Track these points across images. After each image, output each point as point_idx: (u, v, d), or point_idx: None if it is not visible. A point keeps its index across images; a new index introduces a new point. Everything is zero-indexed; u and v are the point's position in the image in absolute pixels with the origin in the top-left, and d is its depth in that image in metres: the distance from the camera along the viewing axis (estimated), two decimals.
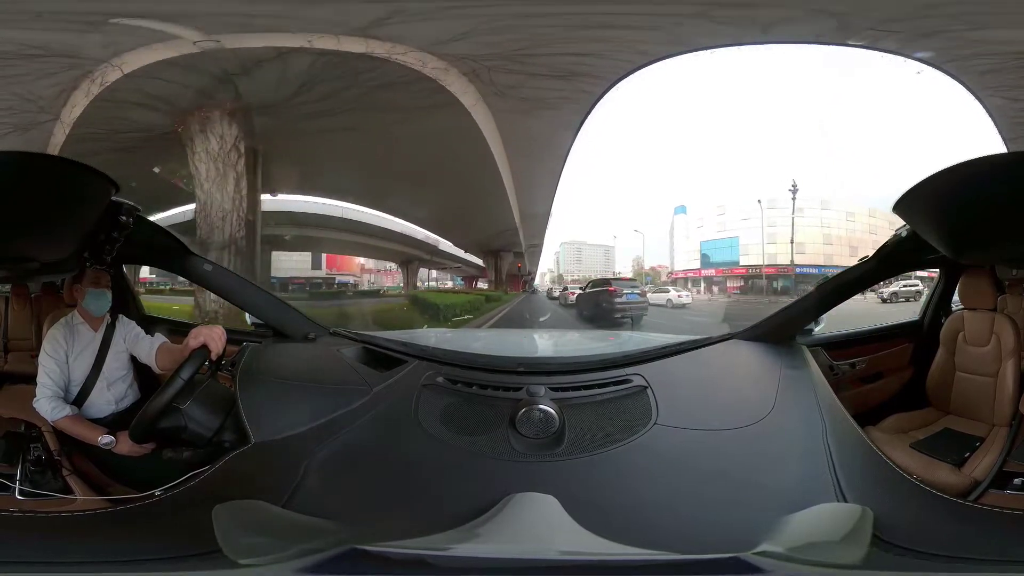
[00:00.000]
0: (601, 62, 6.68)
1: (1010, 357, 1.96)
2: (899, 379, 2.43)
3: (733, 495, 1.25)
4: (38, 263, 1.52)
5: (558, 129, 8.58)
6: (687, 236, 16.31)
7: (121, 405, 1.93)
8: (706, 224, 15.85)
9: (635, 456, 1.36)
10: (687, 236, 16.31)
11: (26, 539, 1.24)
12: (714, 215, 15.58)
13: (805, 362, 1.83)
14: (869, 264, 1.92)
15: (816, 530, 1.12)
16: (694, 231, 16.20)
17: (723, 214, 15.36)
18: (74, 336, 1.87)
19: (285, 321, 2.13)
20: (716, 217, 15.54)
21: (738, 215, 14.82)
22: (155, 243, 1.93)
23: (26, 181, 1.15)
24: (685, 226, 16.50)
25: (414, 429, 1.45)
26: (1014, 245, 1.40)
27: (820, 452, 1.35)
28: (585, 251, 19.94)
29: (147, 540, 1.22)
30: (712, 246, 15.52)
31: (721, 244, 15.28)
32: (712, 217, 15.65)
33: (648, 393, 1.55)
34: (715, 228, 15.62)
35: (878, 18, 5.12)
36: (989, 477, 1.63)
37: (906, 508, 1.28)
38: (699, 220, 16.02)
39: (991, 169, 1.20)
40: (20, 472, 1.64)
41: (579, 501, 1.17)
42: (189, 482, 1.36)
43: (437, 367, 1.65)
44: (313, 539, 1.07)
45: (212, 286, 2.12)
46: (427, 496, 1.30)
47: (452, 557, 1.04)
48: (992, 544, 1.19)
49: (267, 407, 1.54)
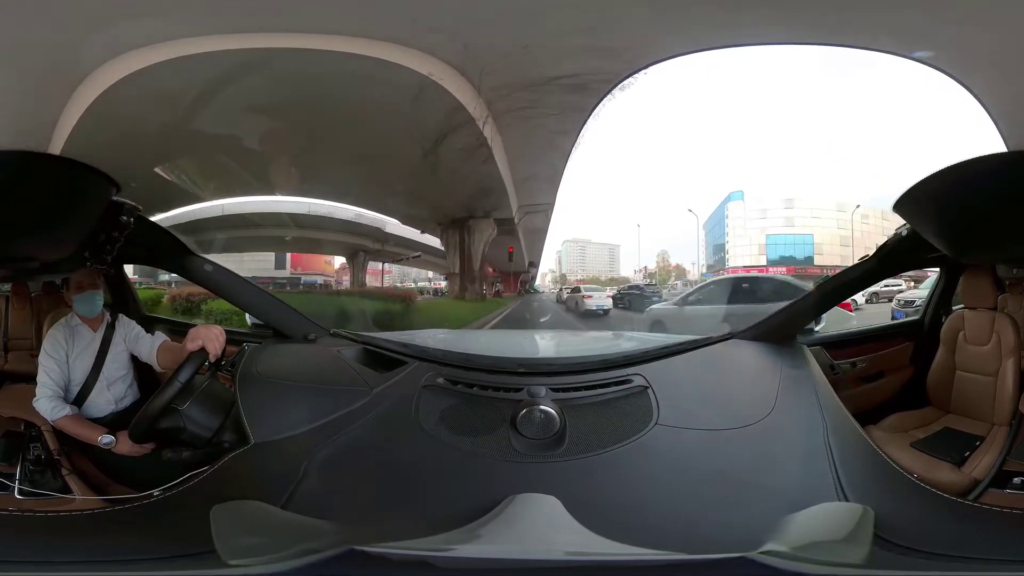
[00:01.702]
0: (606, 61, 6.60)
1: (1010, 356, 1.96)
2: (899, 378, 2.43)
3: (735, 495, 1.24)
4: (38, 262, 1.52)
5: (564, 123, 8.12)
6: (744, 227, 13.58)
7: (121, 405, 1.93)
8: (770, 216, 13.44)
9: (636, 456, 1.36)
10: (744, 227, 13.58)
11: (24, 538, 1.24)
12: (781, 208, 13.30)
13: (806, 361, 1.83)
14: (869, 263, 1.92)
15: (819, 529, 1.12)
16: (752, 221, 13.52)
17: (791, 208, 13.27)
18: (74, 336, 1.87)
19: (285, 321, 2.13)
20: (783, 210, 13.29)
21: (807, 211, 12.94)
22: (156, 243, 1.93)
23: (27, 180, 1.15)
24: (742, 215, 13.66)
25: (414, 430, 1.45)
26: (1015, 244, 1.40)
27: (821, 451, 1.34)
28: (589, 249, 18.05)
29: (145, 540, 1.22)
30: (781, 241, 13.22)
31: (792, 240, 13.07)
32: (778, 209, 13.34)
33: (649, 393, 1.54)
34: (782, 221, 13.26)
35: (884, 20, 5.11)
36: (989, 476, 1.64)
37: (907, 507, 1.28)
38: (760, 210, 13.49)
39: (992, 168, 1.20)
40: (19, 471, 1.64)
41: (581, 501, 1.17)
42: (188, 482, 1.36)
43: (437, 368, 1.65)
44: (311, 540, 1.07)
45: (212, 286, 2.12)
46: (427, 497, 1.29)
47: (455, 558, 1.04)
48: (992, 543, 1.19)
49: (267, 408, 1.54)
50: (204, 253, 2.06)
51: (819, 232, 12.91)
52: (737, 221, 13.71)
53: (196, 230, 9.21)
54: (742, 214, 13.64)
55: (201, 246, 2.07)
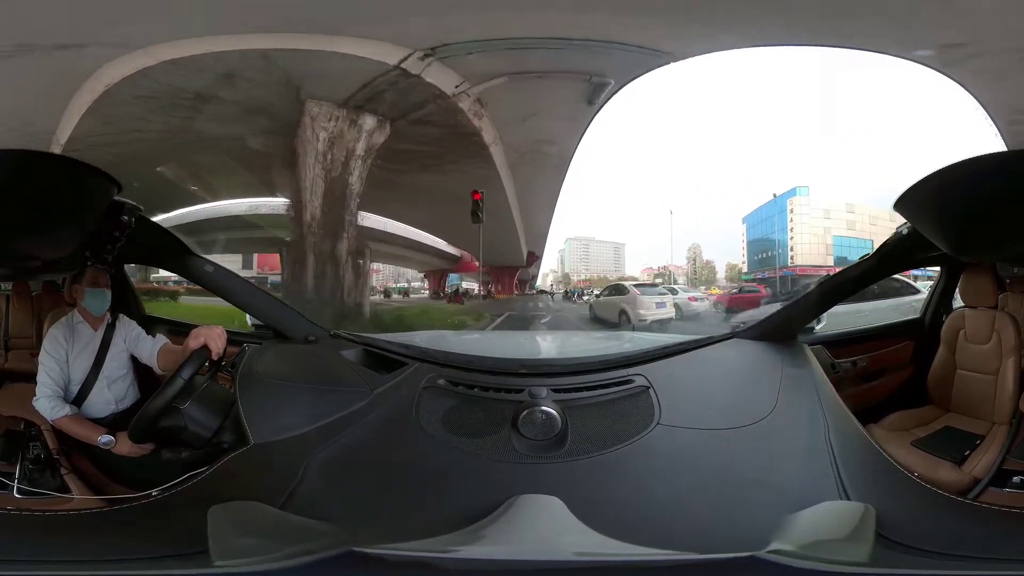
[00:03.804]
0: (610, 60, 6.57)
1: (1011, 355, 1.96)
2: (900, 377, 2.43)
3: (738, 494, 1.25)
4: (39, 261, 1.52)
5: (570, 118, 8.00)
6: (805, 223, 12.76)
7: (121, 405, 1.93)
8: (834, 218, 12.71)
9: (638, 456, 1.36)
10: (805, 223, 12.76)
11: (21, 537, 1.24)
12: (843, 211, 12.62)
13: (807, 360, 1.83)
14: (870, 262, 1.92)
15: (821, 528, 1.12)
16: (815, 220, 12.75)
17: (852, 212, 12.63)
18: (74, 335, 1.87)
19: (286, 322, 2.12)
20: (845, 214, 12.65)
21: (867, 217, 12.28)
22: (156, 243, 1.93)
23: (29, 180, 1.14)
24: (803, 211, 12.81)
25: (415, 431, 1.45)
26: (1015, 243, 1.40)
27: (823, 450, 1.35)
28: (593, 248, 17.16)
29: (142, 540, 1.22)
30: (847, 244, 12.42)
31: (857, 244, 12.28)
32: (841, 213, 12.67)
33: (650, 393, 1.54)
34: (844, 225, 12.59)
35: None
36: (989, 475, 1.64)
37: (907, 505, 1.28)
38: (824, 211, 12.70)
39: (993, 167, 1.20)
40: (18, 470, 1.64)
41: (584, 502, 1.17)
42: (186, 483, 1.36)
43: (438, 369, 1.65)
44: (309, 541, 1.07)
45: (213, 286, 2.11)
46: (428, 498, 1.29)
47: (458, 559, 1.03)
48: (991, 542, 1.19)
49: (266, 408, 1.54)
50: (204, 254, 2.06)
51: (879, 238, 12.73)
52: (802, 218, 12.76)
53: (196, 230, 9.17)
54: (807, 211, 12.71)
55: (202, 246, 2.07)
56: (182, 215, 9.27)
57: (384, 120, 7.72)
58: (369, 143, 7.74)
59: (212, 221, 9.55)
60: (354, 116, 7.55)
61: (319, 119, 7.46)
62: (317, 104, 7.43)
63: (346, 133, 7.55)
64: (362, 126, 7.62)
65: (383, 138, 7.82)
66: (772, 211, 13.35)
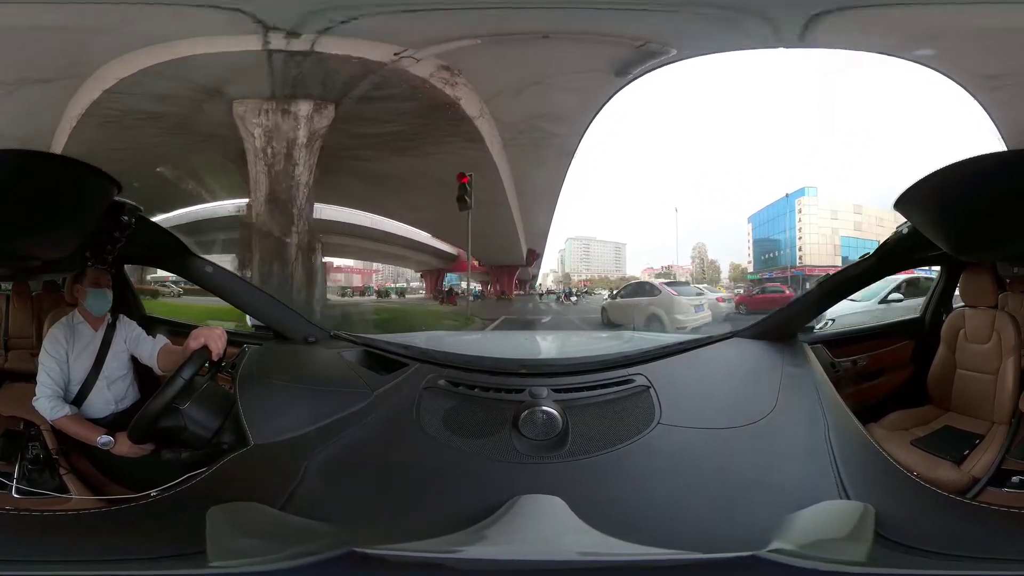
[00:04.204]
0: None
1: (1010, 355, 1.96)
2: (900, 376, 2.43)
3: (739, 493, 1.25)
4: (39, 261, 1.52)
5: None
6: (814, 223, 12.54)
7: (121, 405, 1.92)
8: (841, 219, 12.52)
9: (639, 456, 1.36)
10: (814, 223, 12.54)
11: (19, 537, 1.24)
12: (850, 213, 12.39)
13: (807, 360, 1.83)
14: (870, 261, 1.92)
15: (821, 527, 1.12)
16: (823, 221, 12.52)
17: (859, 214, 12.46)
18: (74, 335, 1.87)
19: (286, 323, 2.12)
20: (852, 215, 12.44)
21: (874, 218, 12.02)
22: (157, 243, 1.93)
23: (29, 180, 1.14)
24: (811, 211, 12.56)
25: (416, 432, 1.45)
26: (1015, 243, 1.40)
27: (823, 449, 1.35)
28: (593, 248, 16.54)
29: (141, 540, 1.22)
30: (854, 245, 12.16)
31: (864, 245, 11.78)
32: (848, 214, 12.48)
33: (651, 393, 1.54)
34: (851, 226, 12.36)
35: None
36: (988, 475, 1.64)
37: (907, 505, 1.28)
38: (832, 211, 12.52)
39: (993, 166, 1.20)
40: (18, 470, 1.64)
41: (585, 502, 1.17)
42: (186, 483, 1.36)
43: (439, 370, 1.64)
44: (309, 541, 1.07)
45: (213, 287, 2.11)
46: (429, 499, 1.29)
47: (460, 559, 1.03)
48: (990, 541, 1.20)
49: (266, 409, 1.54)
50: (204, 254, 2.06)
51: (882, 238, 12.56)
52: (810, 218, 12.47)
53: (197, 231, 9.13)
54: (816, 211, 12.41)
55: (202, 247, 2.07)
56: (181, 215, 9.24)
57: (322, 103, 7.25)
58: (311, 129, 7.30)
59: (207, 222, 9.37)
60: (284, 105, 7.21)
61: (247, 117, 7.26)
62: (242, 103, 7.23)
63: (281, 124, 7.27)
64: (297, 113, 7.27)
65: (327, 121, 7.32)
66: (780, 210, 13.18)
